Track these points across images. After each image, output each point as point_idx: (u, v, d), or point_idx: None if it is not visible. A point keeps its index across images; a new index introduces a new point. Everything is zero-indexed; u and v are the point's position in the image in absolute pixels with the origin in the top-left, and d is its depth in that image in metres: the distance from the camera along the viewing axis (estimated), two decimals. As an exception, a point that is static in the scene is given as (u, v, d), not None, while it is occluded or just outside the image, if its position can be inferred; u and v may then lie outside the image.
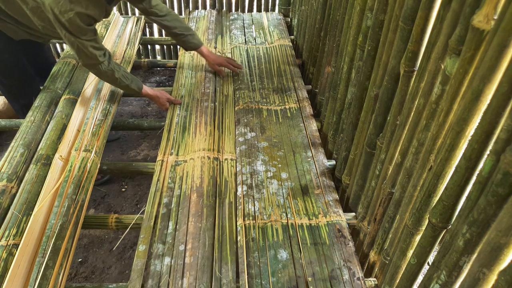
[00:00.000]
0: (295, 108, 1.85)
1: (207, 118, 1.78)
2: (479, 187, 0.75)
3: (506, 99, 0.68)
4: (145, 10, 1.82)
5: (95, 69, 1.62)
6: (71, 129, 1.67)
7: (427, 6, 0.93)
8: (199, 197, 1.43)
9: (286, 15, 2.69)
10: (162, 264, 1.24)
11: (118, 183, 2.18)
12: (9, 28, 1.66)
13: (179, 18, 1.92)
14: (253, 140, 1.67)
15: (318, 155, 1.62)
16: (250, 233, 1.32)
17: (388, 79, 1.13)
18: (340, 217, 1.38)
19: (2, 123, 1.86)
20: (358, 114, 1.40)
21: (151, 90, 1.82)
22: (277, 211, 1.39)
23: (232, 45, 2.32)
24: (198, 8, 2.76)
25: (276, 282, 1.19)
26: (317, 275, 1.21)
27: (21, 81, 1.86)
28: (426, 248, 0.97)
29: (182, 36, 1.91)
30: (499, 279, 0.70)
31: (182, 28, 1.90)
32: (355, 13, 1.35)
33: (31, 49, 1.84)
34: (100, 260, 1.81)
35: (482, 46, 0.74)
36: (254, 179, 1.50)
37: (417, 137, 0.98)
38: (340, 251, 1.28)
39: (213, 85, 2.00)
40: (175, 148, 1.64)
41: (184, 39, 1.92)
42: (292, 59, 2.19)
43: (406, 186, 1.06)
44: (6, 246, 1.23)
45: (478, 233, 0.77)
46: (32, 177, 1.44)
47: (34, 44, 1.82)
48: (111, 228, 1.44)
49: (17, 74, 1.83)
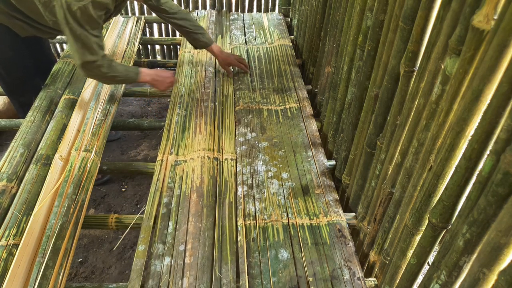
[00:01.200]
0: (295, 108, 1.85)
1: (207, 118, 1.78)
2: (479, 187, 0.75)
3: (506, 99, 0.68)
4: (154, 7, 1.81)
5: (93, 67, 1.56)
6: (71, 129, 1.67)
7: (427, 6, 0.93)
8: (199, 197, 1.43)
9: (286, 15, 2.69)
10: (162, 264, 1.24)
11: (118, 183, 2.18)
12: (16, 25, 1.66)
13: (190, 16, 1.91)
14: (254, 140, 1.67)
15: (318, 155, 1.62)
16: (251, 233, 1.32)
17: (388, 79, 1.13)
18: (341, 217, 1.38)
19: (2, 123, 1.86)
20: (358, 114, 1.40)
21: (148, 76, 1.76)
22: (278, 211, 1.39)
23: (232, 45, 2.32)
24: (198, 8, 2.76)
25: (277, 282, 1.19)
26: (318, 275, 1.21)
27: (23, 79, 1.87)
28: (426, 248, 0.97)
29: (192, 34, 1.90)
30: (499, 279, 0.70)
31: (192, 26, 1.89)
32: (355, 13, 1.35)
33: (35, 46, 1.85)
34: (100, 260, 1.81)
35: (482, 46, 0.74)
36: (255, 179, 1.50)
37: (417, 137, 0.98)
38: (340, 251, 1.28)
39: (213, 85, 2.00)
40: (175, 147, 1.64)
41: (195, 37, 1.91)
42: (292, 59, 2.19)
43: (406, 186, 1.06)
44: (6, 246, 1.23)
45: (478, 233, 0.77)
46: (32, 177, 1.44)
47: (38, 41, 1.83)
48: (111, 228, 1.44)
49: (20, 72, 1.83)
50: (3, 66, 1.78)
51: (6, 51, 1.73)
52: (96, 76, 1.63)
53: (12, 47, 1.73)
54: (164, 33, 3.02)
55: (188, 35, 1.91)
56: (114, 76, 1.63)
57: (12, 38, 1.70)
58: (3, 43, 1.71)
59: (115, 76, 1.64)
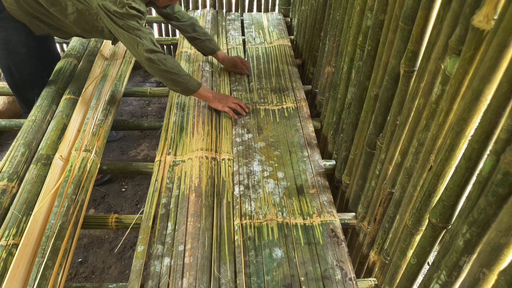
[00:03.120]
0: (293, 108, 1.85)
1: (204, 118, 1.78)
2: (479, 187, 0.75)
3: (506, 99, 0.68)
4: (168, 15, 1.89)
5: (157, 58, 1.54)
6: (72, 129, 1.66)
7: (427, 6, 0.93)
8: (197, 197, 1.43)
9: (286, 15, 2.69)
10: (162, 264, 1.24)
11: (118, 183, 2.18)
12: (34, 24, 1.69)
13: (198, 23, 1.98)
14: (250, 140, 1.67)
15: (314, 155, 1.62)
16: (247, 232, 1.32)
17: (388, 79, 1.13)
18: (334, 217, 1.38)
19: (2, 123, 1.86)
20: (358, 114, 1.40)
21: (210, 92, 1.76)
22: (273, 210, 1.39)
23: (230, 45, 2.32)
24: (199, 8, 2.76)
25: (270, 281, 1.19)
26: (310, 275, 1.21)
27: (32, 75, 1.88)
28: (426, 248, 0.97)
29: (199, 41, 1.97)
30: (499, 279, 0.70)
31: (200, 33, 1.96)
32: (355, 13, 1.35)
33: (45, 43, 1.87)
34: (100, 260, 1.81)
35: (482, 46, 0.74)
36: (251, 179, 1.51)
37: (417, 137, 0.98)
38: (333, 251, 1.28)
39: (210, 85, 2.00)
40: (173, 148, 1.64)
41: (201, 44, 1.98)
42: (291, 59, 2.19)
43: (406, 186, 1.06)
44: (6, 246, 1.23)
45: (478, 233, 0.77)
46: (33, 177, 1.44)
47: (47, 38, 1.86)
48: (111, 228, 1.44)
49: (30, 68, 1.84)
50: (15, 62, 1.78)
51: (20, 46, 1.74)
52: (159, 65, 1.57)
53: (26, 43, 1.75)
54: (164, 33, 3.02)
55: (195, 41, 1.97)
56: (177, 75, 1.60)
57: (27, 34, 1.72)
58: (17, 39, 1.72)
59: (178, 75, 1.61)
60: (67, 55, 2.09)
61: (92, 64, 2.06)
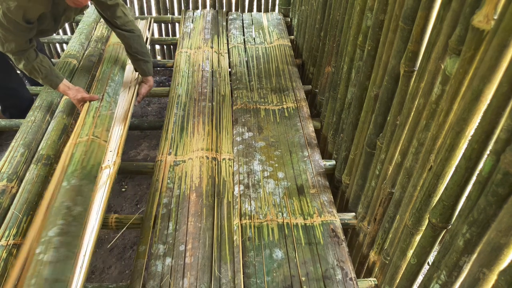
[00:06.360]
0: (293, 108, 1.85)
1: (204, 118, 1.78)
2: (479, 187, 0.75)
3: (506, 99, 0.68)
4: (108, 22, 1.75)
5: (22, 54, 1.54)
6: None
7: (427, 6, 0.93)
8: (198, 197, 1.43)
9: (286, 15, 2.69)
10: (163, 264, 1.24)
11: (118, 183, 2.18)
12: None
13: (141, 40, 1.83)
14: (251, 140, 1.67)
15: (314, 155, 1.62)
16: (247, 232, 1.32)
17: (388, 79, 1.13)
18: (334, 217, 1.38)
19: (2, 123, 1.86)
20: (358, 114, 1.40)
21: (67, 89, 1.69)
22: (273, 210, 1.39)
23: (231, 44, 2.32)
24: (198, 8, 2.76)
25: (271, 282, 1.19)
26: (311, 275, 1.21)
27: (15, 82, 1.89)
28: (426, 248, 0.97)
29: (135, 58, 1.84)
30: (499, 279, 0.70)
31: (138, 51, 1.81)
32: (355, 13, 1.35)
33: None
34: (100, 260, 1.81)
35: (482, 46, 0.74)
36: (251, 179, 1.50)
37: (417, 137, 0.98)
38: (334, 251, 1.28)
39: (210, 85, 2.00)
40: (173, 148, 1.64)
41: (137, 62, 1.85)
42: (291, 59, 2.19)
43: (406, 186, 1.06)
44: (6, 246, 1.23)
45: (478, 233, 0.77)
46: (33, 177, 1.44)
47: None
48: (111, 228, 1.44)
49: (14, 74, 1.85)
50: None
51: None
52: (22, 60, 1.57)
53: None
54: (164, 33, 3.01)
55: (131, 56, 1.85)
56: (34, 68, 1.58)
57: None
58: None
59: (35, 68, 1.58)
60: (65, 56, 2.09)
61: (93, 64, 2.05)
